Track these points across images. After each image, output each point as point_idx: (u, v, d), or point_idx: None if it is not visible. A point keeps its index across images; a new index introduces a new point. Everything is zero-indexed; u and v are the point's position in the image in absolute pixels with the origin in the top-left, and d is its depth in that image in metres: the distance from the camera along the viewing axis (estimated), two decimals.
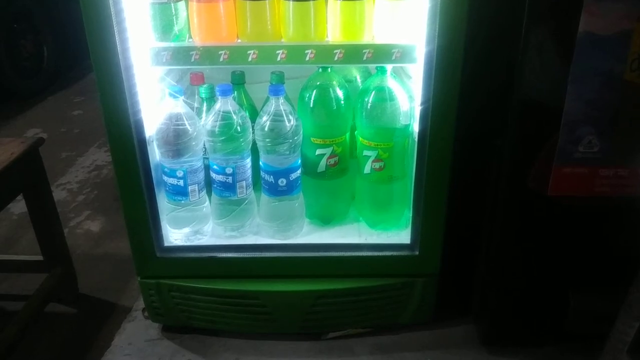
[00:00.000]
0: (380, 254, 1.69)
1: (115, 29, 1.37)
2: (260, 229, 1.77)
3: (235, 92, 1.71)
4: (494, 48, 1.52)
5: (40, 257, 2.08)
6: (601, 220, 1.55)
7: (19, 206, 2.63)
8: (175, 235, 1.73)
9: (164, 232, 1.70)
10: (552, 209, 1.52)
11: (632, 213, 1.47)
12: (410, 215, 1.67)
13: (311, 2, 1.42)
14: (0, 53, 4.05)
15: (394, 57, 1.45)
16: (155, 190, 1.63)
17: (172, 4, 1.44)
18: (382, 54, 1.46)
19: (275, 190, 1.67)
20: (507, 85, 1.43)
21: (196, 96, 1.74)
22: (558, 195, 1.50)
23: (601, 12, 1.30)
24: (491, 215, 1.61)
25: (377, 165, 1.67)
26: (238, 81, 1.75)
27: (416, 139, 1.55)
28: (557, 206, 1.51)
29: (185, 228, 1.71)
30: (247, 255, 1.70)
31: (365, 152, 1.67)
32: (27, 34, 4.41)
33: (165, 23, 1.45)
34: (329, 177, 1.72)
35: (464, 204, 1.73)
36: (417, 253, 1.67)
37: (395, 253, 1.70)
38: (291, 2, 1.42)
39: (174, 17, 1.46)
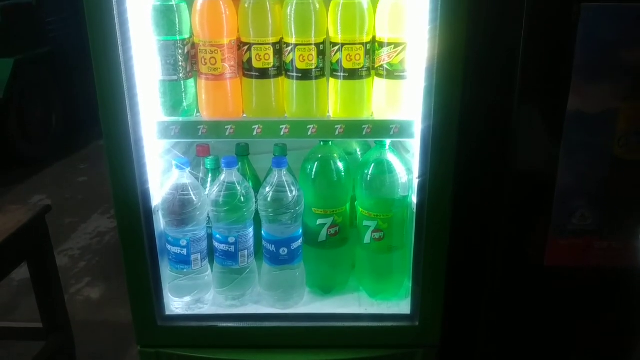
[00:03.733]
0: (381, 324, 1.69)
1: (127, 104, 1.44)
2: (260, 298, 1.78)
3: (240, 163, 1.77)
4: (488, 125, 1.59)
5: (39, 325, 2.08)
6: (600, 291, 1.57)
7: (20, 272, 2.65)
8: (176, 304, 1.74)
9: (165, 300, 1.71)
10: (550, 280, 1.55)
11: (629, 285, 1.49)
12: (410, 285, 1.68)
13: (313, 81, 1.50)
14: (10, 121, 4.17)
15: (392, 132, 1.52)
16: (159, 259, 1.66)
17: (182, 82, 1.52)
18: (381, 130, 1.52)
19: (276, 260, 1.69)
20: (501, 158, 1.49)
21: (202, 167, 1.80)
22: (555, 266, 1.52)
23: (588, 92, 1.38)
24: (490, 285, 1.63)
25: (376, 235, 1.70)
26: (242, 153, 1.81)
27: (415, 211, 1.59)
28: (555, 277, 1.54)
29: (187, 297, 1.72)
30: (248, 325, 1.70)
31: (365, 223, 1.71)
32: (37, 102, 4.56)
33: (175, 99, 1.52)
34: (329, 247, 1.75)
35: (464, 273, 1.75)
36: (417, 324, 1.68)
37: (395, 324, 1.70)
38: (295, 81, 1.50)
39: (183, 93, 1.53)
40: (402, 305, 1.74)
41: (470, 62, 1.39)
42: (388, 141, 1.64)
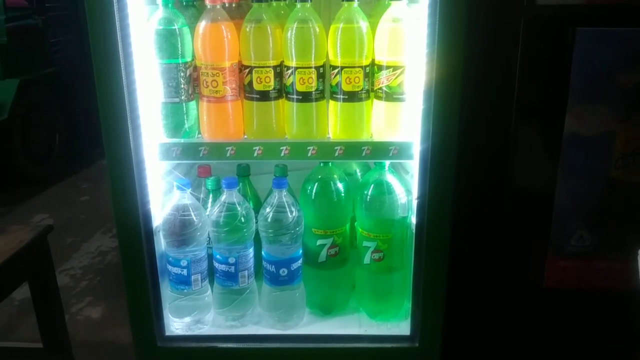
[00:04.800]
0: (381, 345, 1.69)
1: (130, 126, 1.46)
2: (260, 319, 1.78)
3: (240, 183, 1.78)
4: (487, 146, 1.61)
5: (39, 345, 2.08)
6: (600, 312, 1.57)
7: (21, 291, 2.64)
8: (176, 324, 1.74)
9: (165, 321, 1.71)
10: (550, 301, 1.55)
11: (629, 306, 1.49)
12: (410, 306, 1.68)
13: (313, 103, 1.52)
14: (14, 141, 4.20)
15: (391, 154, 1.53)
16: (160, 279, 1.66)
17: (184, 104, 1.54)
18: (380, 151, 1.54)
19: (276, 280, 1.70)
20: (499, 180, 1.51)
21: (202, 187, 1.82)
22: (555, 287, 1.53)
23: (585, 115, 1.39)
24: (490, 305, 1.63)
25: (376, 255, 1.70)
26: (243, 173, 1.83)
27: (414, 231, 1.60)
28: (554, 298, 1.54)
29: (187, 317, 1.72)
30: (247, 346, 1.70)
31: (365, 243, 1.71)
32: (41, 122, 4.59)
33: (176, 121, 1.54)
34: (329, 267, 1.75)
35: (464, 294, 1.75)
36: (417, 345, 1.67)
37: (395, 345, 1.69)
38: (295, 104, 1.52)
39: (185, 115, 1.55)
40: (402, 326, 1.74)
41: (468, 85, 1.41)
42: (387, 162, 1.66)
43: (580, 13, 1.33)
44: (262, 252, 1.72)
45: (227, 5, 1.60)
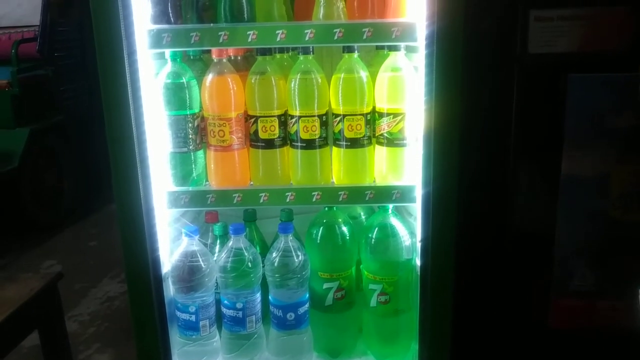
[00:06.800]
0: None
1: (140, 176, 1.51)
2: None
3: (247, 228, 1.81)
4: (488, 190, 1.64)
5: None
6: (605, 351, 1.57)
7: (30, 339, 2.63)
8: None
9: None
10: (555, 342, 1.55)
11: (633, 344, 1.49)
12: (418, 348, 1.68)
13: (317, 150, 1.57)
14: (24, 188, 4.26)
15: (394, 198, 1.57)
16: (168, 325, 1.68)
17: (192, 153, 1.59)
18: (383, 195, 1.57)
19: (283, 325, 1.71)
20: (501, 222, 1.53)
21: (210, 233, 1.85)
22: (559, 327, 1.53)
23: (581, 157, 1.43)
24: (495, 348, 1.63)
25: (382, 298, 1.72)
26: (250, 218, 1.86)
27: (419, 273, 1.61)
28: (559, 338, 1.54)
29: None
30: None
31: (371, 286, 1.73)
32: (50, 169, 4.66)
33: (185, 170, 1.59)
34: (336, 311, 1.76)
35: (470, 336, 1.76)
36: None
37: None
38: (299, 151, 1.57)
39: (193, 164, 1.60)
40: None
41: (468, 131, 1.45)
42: (391, 205, 1.69)
43: (571, 60, 1.39)
44: (269, 297, 1.73)
45: (232, 58, 1.67)
